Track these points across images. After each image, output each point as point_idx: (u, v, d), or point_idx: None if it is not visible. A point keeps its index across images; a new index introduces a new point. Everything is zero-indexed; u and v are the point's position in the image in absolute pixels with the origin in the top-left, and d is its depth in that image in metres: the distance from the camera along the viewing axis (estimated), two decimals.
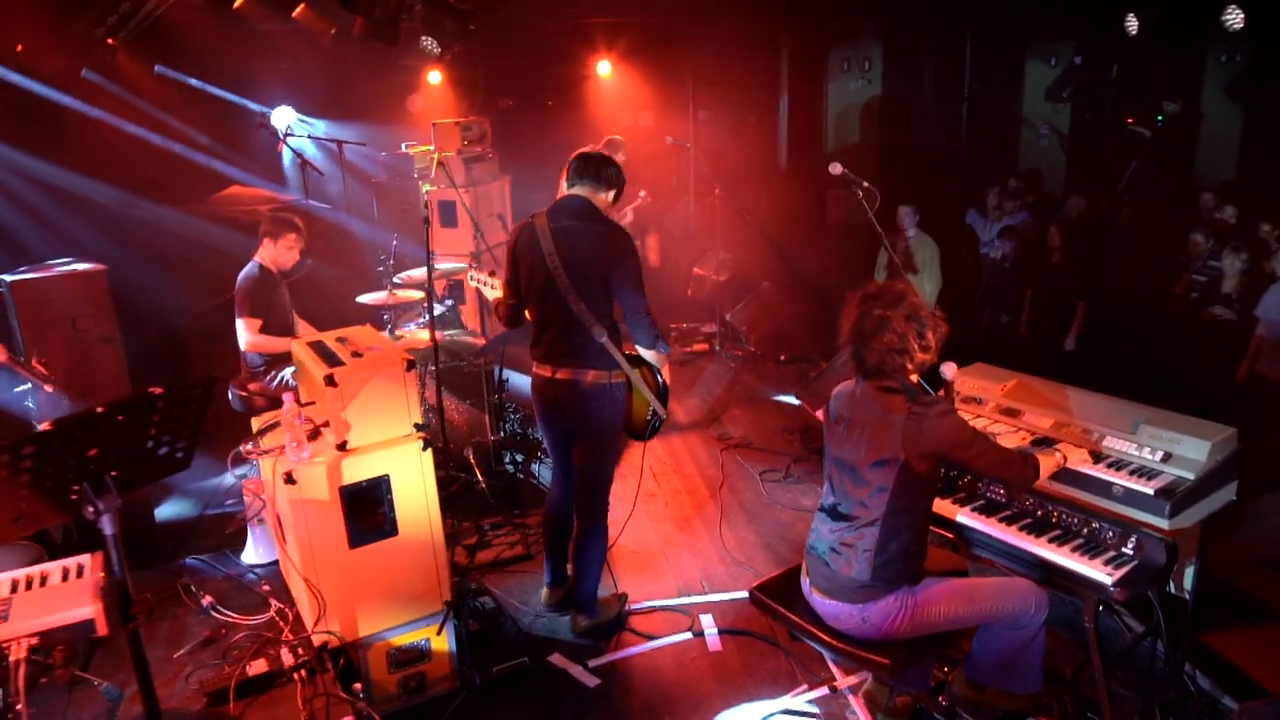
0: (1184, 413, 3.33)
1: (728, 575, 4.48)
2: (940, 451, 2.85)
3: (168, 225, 6.15)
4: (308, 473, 3.20)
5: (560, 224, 3.57)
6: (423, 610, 3.51)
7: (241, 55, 8.14)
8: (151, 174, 6.66)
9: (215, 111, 7.57)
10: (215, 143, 7.48)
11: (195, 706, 3.15)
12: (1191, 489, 3.07)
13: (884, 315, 2.89)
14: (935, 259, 7.71)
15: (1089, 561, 3.00)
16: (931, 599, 2.95)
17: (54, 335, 4.27)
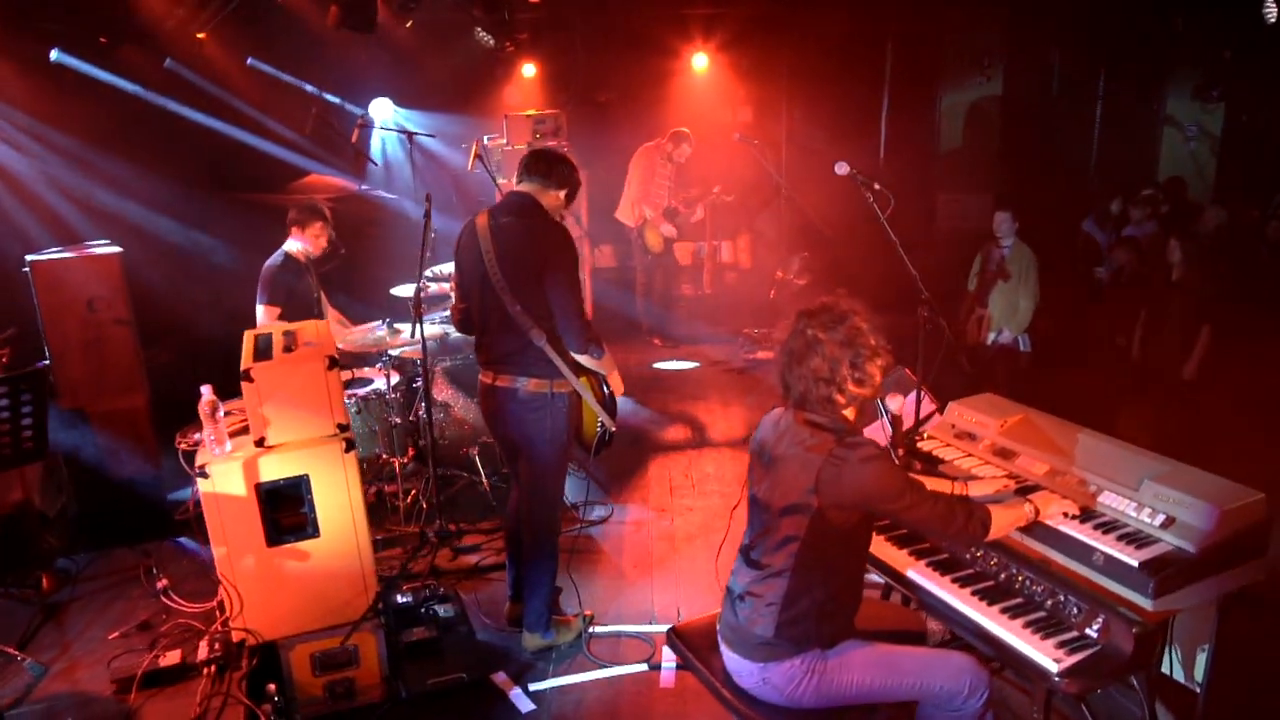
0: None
1: (709, 605, 4.15)
2: (861, 503, 2.47)
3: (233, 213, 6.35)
4: (223, 468, 3.15)
5: (499, 221, 3.38)
6: (347, 615, 3.40)
7: (339, 48, 8.38)
8: (228, 164, 6.92)
9: (300, 103, 7.80)
10: (299, 135, 7.71)
11: (105, 692, 3.15)
12: (1190, 564, 2.55)
13: (816, 337, 2.53)
14: (1033, 271, 7.02)
15: (1039, 641, 2.53)
16: (845, 666, 2.57)
17: (70, 315, 4.45)
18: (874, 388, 2.61)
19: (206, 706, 3.06)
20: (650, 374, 7.36)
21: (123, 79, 5.83)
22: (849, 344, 2.52)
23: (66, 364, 4.49)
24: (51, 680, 3.26)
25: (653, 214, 7.61)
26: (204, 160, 6.81)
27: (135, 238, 5.36)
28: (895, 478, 2.47)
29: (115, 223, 5.50)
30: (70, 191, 5.49)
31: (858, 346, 2.53)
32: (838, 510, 2.47)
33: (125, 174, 5.75)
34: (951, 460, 3.30)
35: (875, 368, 2.57)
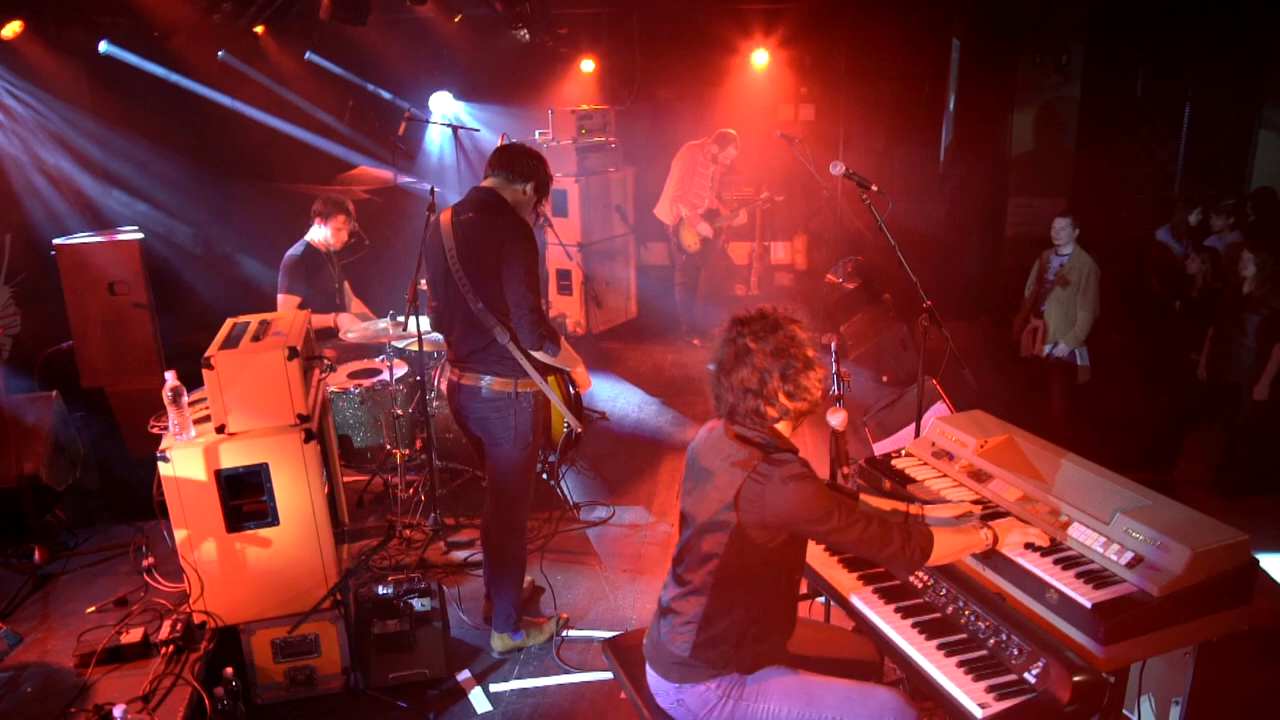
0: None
1: None
2: (785, 524, 2.33)
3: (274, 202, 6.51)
4: (183, 452, 3.20)
5: (461, 218, 3.34)
6: (308, 604, 3.42)
7: (401, 43, 8.54)
8: (275, 154, 7.11)
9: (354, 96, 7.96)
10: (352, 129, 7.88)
11: (69, 664, 3.25)
12: (1151, 610, 2.33)
13: (746, 346, 2.40)
14: (1093, 281, 6.64)
15: (969, 683, 2.34)
16: (762, 694, 2.43)
17: (92, 297, 4.62)
18: (811, 402, 2.46)
19: (156, 685, 3.10)
20: (681, 375, 7.25)
21: (170, 70, 6.02)
22: (780, 354, 2.38)
23: (88, 344, 4.67)
24: (24, 649, 3.38)
25: (689, 213, 7.49)
26: (249, 150, 7.00)
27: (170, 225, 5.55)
28: (820, 498, 2.32)
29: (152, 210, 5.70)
30: (109, 179, 5.72)
31: (790, 358, 2.39)
32: (760, 529, 2.33)
33: (165, 163, 5.96)
34: (923, 480, 3.12)
35: (811, 381, 2.42)
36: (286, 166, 7.31)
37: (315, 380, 3.75)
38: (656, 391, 6.82)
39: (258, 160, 6.98)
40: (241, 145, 6.93)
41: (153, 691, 3.09)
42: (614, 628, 3.96)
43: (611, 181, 8.14)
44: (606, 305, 8.23)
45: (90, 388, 4.71)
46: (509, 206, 3.35)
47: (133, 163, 5.83)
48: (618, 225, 8.27)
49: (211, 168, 6.43)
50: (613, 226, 8.20)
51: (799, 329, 2.46)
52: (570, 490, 5.14)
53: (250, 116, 6.84)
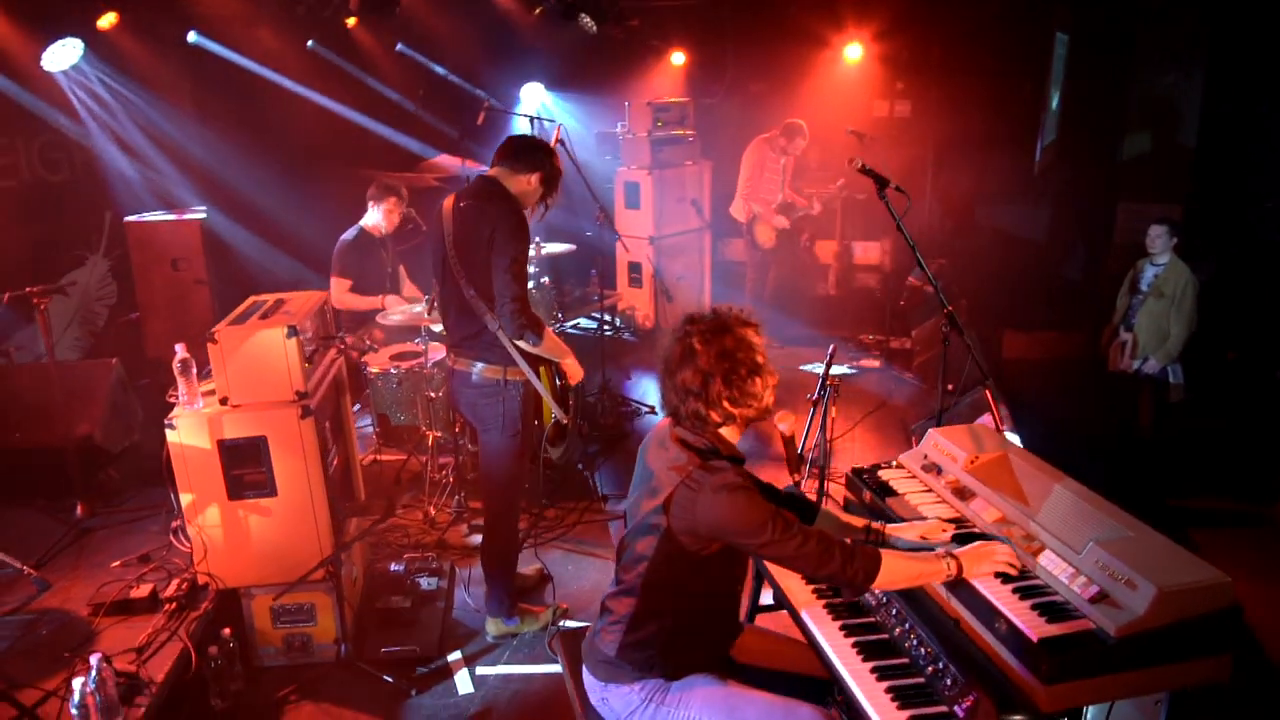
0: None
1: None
2: (716, 534, 2.26)
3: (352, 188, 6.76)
4: (189, 421, 3.37)
5: (460, 205, 3.37)
6: (303, 572, 3.54)
7: (493, 37, 8.71)
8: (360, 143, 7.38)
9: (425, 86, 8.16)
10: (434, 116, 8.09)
11: (83, 613, 3.48)
12: (1104, 651, 2.14)
13: (692, 347, 2.34)
14: (1190, 294, 6.18)
15: (893, 710, 2.22)
16: (685, 702, 2.37)
17: (156, 272, 4.94)
18: (759, 409, 2.38)
19: (153, 639, 3.29)
20: None
21: (255, 62, 6.34)
22: (726, 358, 2.31)
23: (152, 316, 4.98)
24: (50, 595, 3.64)
25: (761, 209, 7.35)
26: (332, 138, 7.28)
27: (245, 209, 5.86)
28: (752, 511, 2.23)
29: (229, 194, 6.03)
30: (188, 164, 6.07)
31: (735, 362, 2.31)
32: (690, 537, 2.27)
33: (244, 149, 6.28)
34: (904, 494, 2.97)
35: (758, 387, 2.34)
36: (368, 154, 7.57)
37: (328, 359, 3.88)
38: None
39: (339, 147, 7.25)
40: (324, 134, 7.23)
41: (148, 644, 3.27)
42: None
43: (687, 175, 8.08)
44: (678, 300, 8.18)
45: (155, 357, 5.02)
46: (506, 195, 3.36)
47: (213, 149, 6.17)
48: (692, 219, 8.20)
49: (291, 154, 6.73)
50: (687, 221, 8.13)
51: (751, 333, 2.38)
52: (602, 482, 5.15)
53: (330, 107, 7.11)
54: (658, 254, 7.91)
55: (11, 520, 4.21)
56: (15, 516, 4.24)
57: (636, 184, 7.81)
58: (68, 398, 4.37)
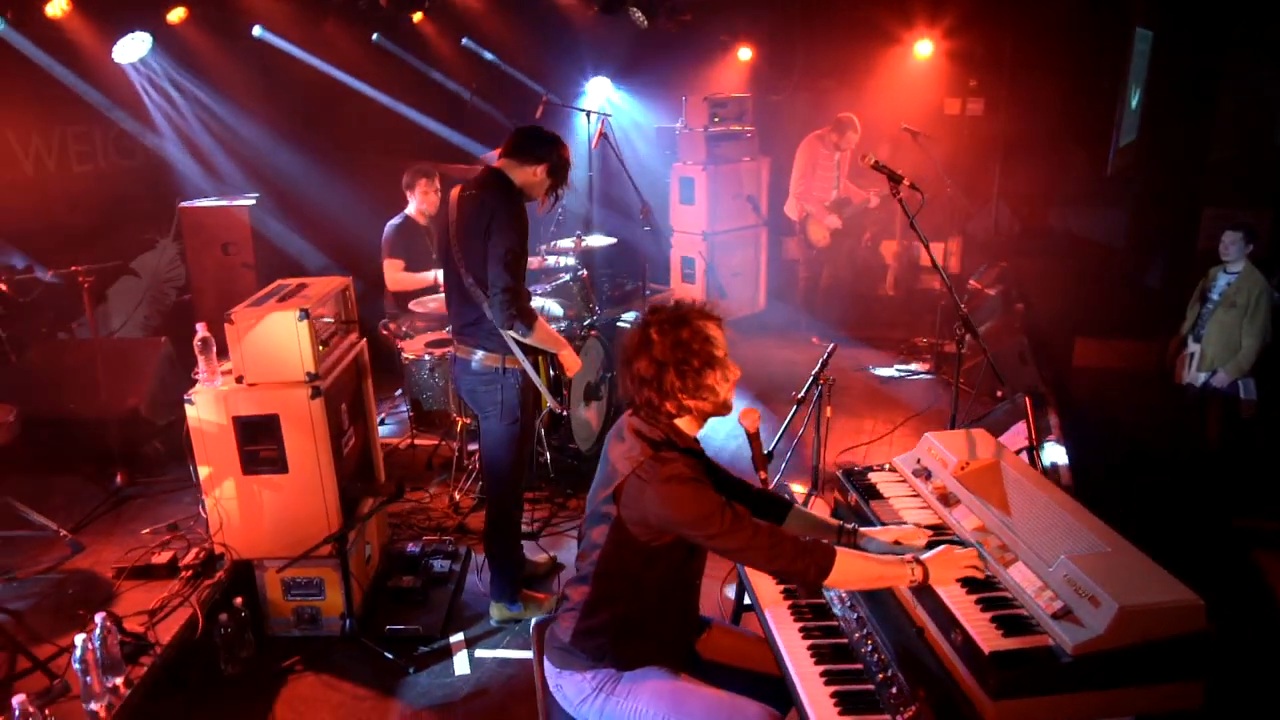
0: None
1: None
2: (665, 525, 2.25)
3: None
4: (206, 398, 3.52)
5: (464, 194, 3.42)
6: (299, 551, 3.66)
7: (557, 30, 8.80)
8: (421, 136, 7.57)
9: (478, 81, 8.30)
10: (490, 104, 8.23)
11: (108, 575, 3.68)
12: (1058, 670, 2.07)
13: (649, 337, 2.34)
14: (1265, 305, 5.85)
15: (834, 715, 2.17)
16: (634, 693, 2.37)
17: (208, 256, 5.16)
18: (715, 402, 2.36)
19: (166, 603, 3.45)
20: (786, 372, 7.03)
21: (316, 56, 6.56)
22: (680, 349, 2.30)
23: (204, 298, 5.21)
24: (83, 557, 3.86)
25: (813, 208, 7.24)
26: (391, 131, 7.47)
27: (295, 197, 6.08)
28: (699, 503, 2.22)
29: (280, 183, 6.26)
30: (240, 152, 6.33)
31: (690, 354, 2.29)
32: (641, 527, 2.27)
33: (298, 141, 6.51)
34: (889, 497, 2.91)
35: (713, 379, 2.32)
36: (422, 148, 7.72)
37: (346, 343, 3.99)
38: (752, 386, 6.67)
39: (393, 142, 7.43)
40: (378, 128, 7.42)
41: (161, 608, 3.43)
42: None
43: (744, 171, 8.02)
44: (731, 295, 8.13)
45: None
46: (508, 187, 3.39)
47: (267, 139, 6.42)
48: (749, 216, 8.13)
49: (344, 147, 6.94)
50: (743, 217, 8.07)
51: (711, 326, 2.36)
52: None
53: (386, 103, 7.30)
54: (711, 250, 7.87)
55: (57, 485, 4.47)
56: (61, 482, 4.50)
57: (691, 179, 7.79)
58: (118, 372, 4.62)
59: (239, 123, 6.32)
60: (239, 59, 6.32)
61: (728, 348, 2.39)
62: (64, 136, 5.89)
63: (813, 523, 2.64)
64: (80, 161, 6.02)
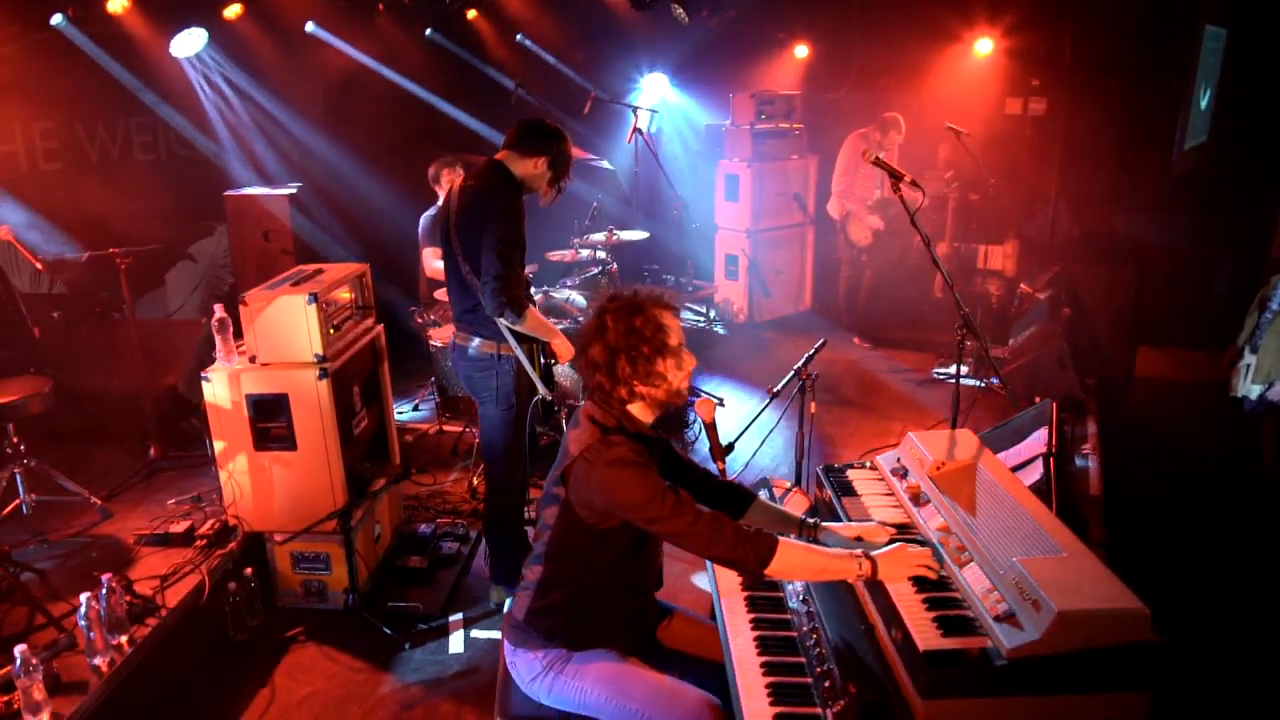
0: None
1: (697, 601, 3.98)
2: (609, 508, 2.29)
3: None
4: (221, 375, 3.69)
5: (465, 184, 3.50)
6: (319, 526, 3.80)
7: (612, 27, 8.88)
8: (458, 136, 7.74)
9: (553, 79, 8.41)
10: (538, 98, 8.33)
11: (130, 540, 3.89)
12: (991, 672, 2.04)
13: (604, 323, 2.38)
14: None
15: (764, 706, 2.18)
16: (581, 674, 2.41)
17: (250, 242, 5.38)
18: (667, 390, 2.38)
19: (178, 569, 3.63)
20: (822, 371, 6.94)
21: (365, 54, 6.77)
22: (633, 335, 2.33)
23: (246, 282, 5.40)
24: (109, 524, 4.08)
25: (854, 207, 7.14)
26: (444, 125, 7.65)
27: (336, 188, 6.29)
28: (639, 487, 2.25)
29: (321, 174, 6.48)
30: (285, 144, 6.57)
31: (643, 340, 2.32)
32: (587, 510, 2.32)
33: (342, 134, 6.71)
34: (862, 494, 2.89)
35: (664, 367, 2.35)
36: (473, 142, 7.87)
37: (360, 328, 4.13)
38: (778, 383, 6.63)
39: (443, 136, 7.59)
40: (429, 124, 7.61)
41: (172, 573, 3.61)
42: None
43: (790, 169, 7.96)
44: (775, 294, 8.10)
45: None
46: (506, 179, 3.45)
47: (311, 131, 6.65)
48: (795, 214, 8.07)
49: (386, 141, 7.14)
50: (789, 215, 8.02)
51: (666, 315, 2.38)
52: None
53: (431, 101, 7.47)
54: (754, 247, 7.84)
55: (96, 456, 4.74)
56: (100, 453, 4.77)
57: (736, 176, 7.77)
58: (160, 351, 4.86)
59: (285, 115, 6.56)
60: (289, 54, 6.55)
61: (684, 337, 2.41)
62: (128, 128, 6.21)
63: (775, 515, 2.64)
64: (143, 151, 6.34)
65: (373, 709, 3.36)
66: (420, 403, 6.18)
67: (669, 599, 2.88)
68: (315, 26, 6.44)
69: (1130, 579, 2.15)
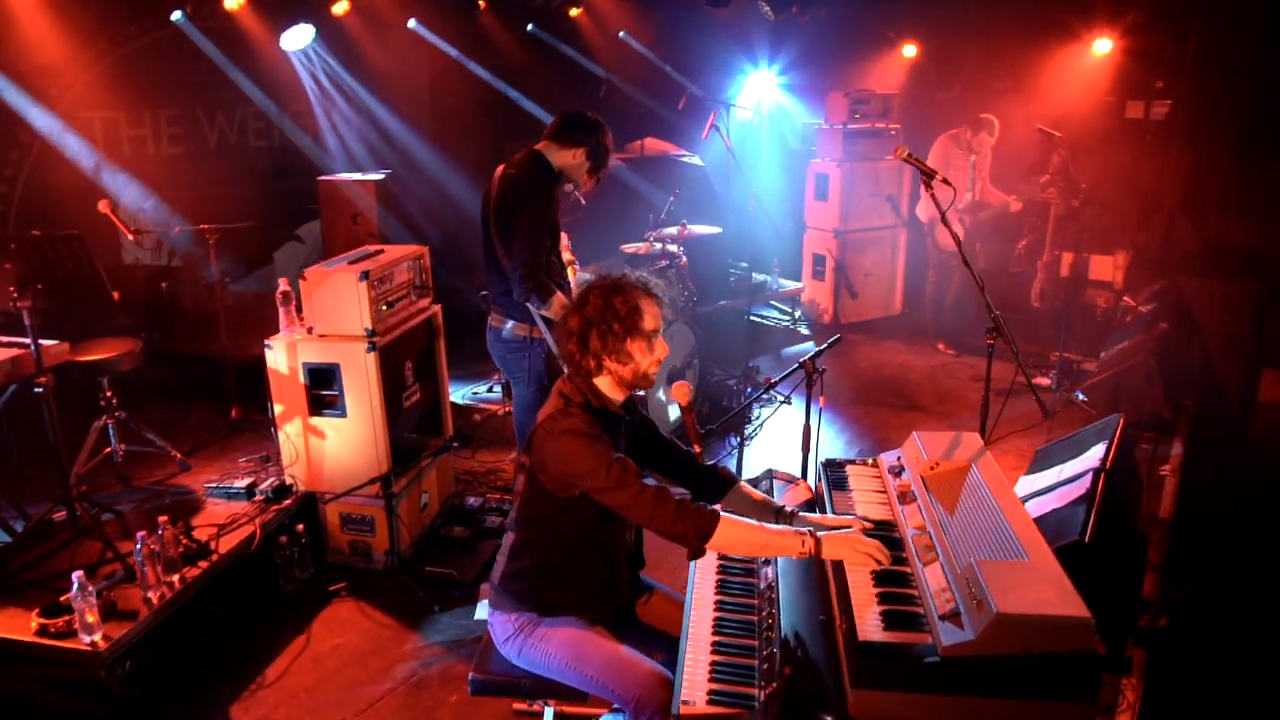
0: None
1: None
2: (564, 476, 2.40)
3: None
4: (280, 345, 3.99)
5: (505, 172, 3.65)
6: (365, 490, 4.06)
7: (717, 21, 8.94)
8: None
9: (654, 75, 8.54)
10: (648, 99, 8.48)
11: (200, 492, 4.26)
12: (925, 669, 2.04)
13: (587, 296, 2.50)
14: None
15: (701, 680, 2.22)
16: (547, 638, 2.53)
17: (340, 223, 5.74)
18: (634, 371, 2.47)
19: (234, 520, 3.95)
20: (898, 376, 6.84)
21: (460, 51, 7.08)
22: (609, 311, 2.43)
23: None
24: (185, 476, 4.47)
25: (944, 209, 6.93)
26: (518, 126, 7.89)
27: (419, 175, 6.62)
28: (587, 456, 2.34)
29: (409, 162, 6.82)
30: (380, 136, 6.95)
31: (617, 318, 2.42)
32: (547, 477, 2.43)
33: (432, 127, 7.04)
34: (853, 490, 2.89)
35: (634, 348, 2.44)
36: None
37: (416, 306, 4.36)
38: (859, 388, 6.56)
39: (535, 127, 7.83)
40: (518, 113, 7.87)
41: (229, 523, 3.93)
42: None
43: (882, 170, 7.81)
44: (862, 296, 7.98)
45: None
46: (544, 168, 3.59)
47: (405, 124, 7.00)
48: (887, 216, 7.92)
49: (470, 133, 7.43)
50: (880, 216, 7.88)
51: (646, 301, 2.47)
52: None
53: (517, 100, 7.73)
54: (842, 248, 7.74)
55: (185, 413, 5.20)
56: (189, 411, 5.22)
57: (826, 175, 7.70)
58: (249, 321, 5.25)
59: (380, 107, 6.94)
60: (389, 48, 6.92)
61: (660, 325, 2.49)
62: (244, 116, 6.72)
63: (753, 502, 2.68)
64: (257, 138, 6.84)
65: (393, 663, 3.58)
66: (495, 384, 6.42)
67: (668, 578, 2.97)
68: (416, 23, 6.78)
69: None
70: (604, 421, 2.43)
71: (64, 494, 3.66)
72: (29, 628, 3.19)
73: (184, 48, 5.90)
